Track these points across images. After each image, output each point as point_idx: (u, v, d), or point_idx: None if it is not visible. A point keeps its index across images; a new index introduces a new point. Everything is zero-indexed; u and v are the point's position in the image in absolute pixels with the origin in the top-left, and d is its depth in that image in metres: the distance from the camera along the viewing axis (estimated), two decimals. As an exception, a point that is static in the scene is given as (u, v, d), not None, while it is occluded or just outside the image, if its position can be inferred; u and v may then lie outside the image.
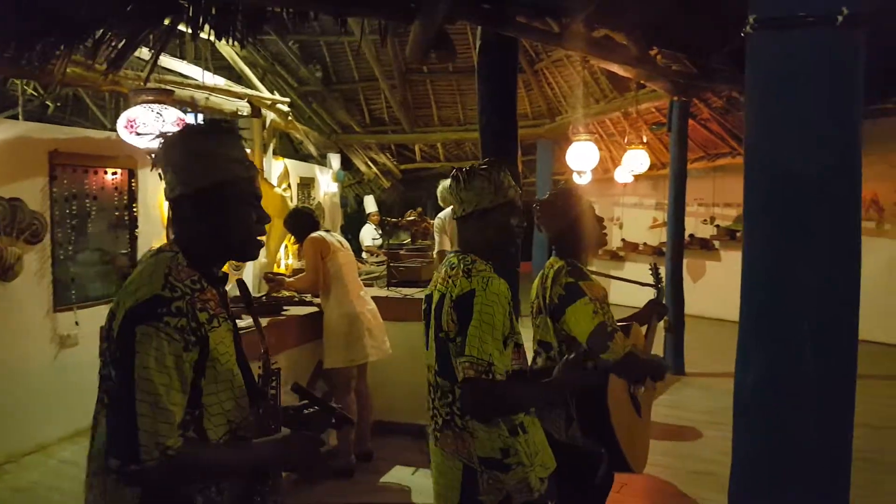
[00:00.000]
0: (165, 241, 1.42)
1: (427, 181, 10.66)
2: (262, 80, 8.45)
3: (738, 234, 8.28)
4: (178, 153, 1.37)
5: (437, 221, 5.56)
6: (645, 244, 9.26)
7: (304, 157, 9.15)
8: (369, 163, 9.94)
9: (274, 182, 7.10)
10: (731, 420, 1.38)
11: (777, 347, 1.18)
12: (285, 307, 4.21)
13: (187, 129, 1.42)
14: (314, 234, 4.27)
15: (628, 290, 3.20)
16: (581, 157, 5.02)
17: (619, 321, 2.36)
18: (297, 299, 4.51)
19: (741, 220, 6.04)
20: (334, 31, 8.18)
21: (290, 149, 9.55)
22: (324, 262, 4.03)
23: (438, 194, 5.62)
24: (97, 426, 1.31)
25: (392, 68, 8.21)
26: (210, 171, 1.35)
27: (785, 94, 1.14)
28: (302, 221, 4.43)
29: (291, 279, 4.80)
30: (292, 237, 5.34)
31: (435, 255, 5.45)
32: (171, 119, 3.81)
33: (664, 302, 2.75)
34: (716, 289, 8.52)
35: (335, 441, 3.98)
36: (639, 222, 9.43)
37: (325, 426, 1.48)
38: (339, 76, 9.28)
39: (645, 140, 6.53)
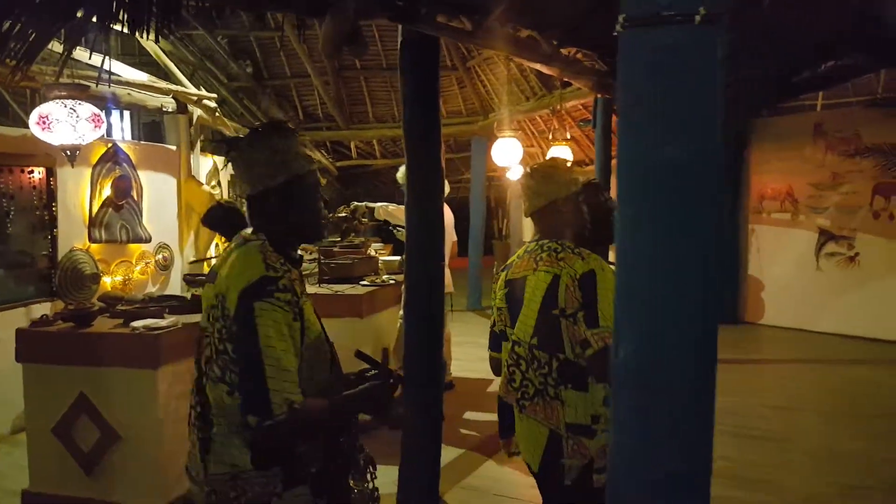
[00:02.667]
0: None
1: (364, 178, 10.60)
2: (191, 77, 8.24)
3: (665, 228, 8.59)
4: (258, 153, 1.56)
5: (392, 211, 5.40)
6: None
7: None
8: (305, 160, 9.81)
9: (202, 180, 6.94)
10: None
11: (643, 327, 1.25)
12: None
13: (261, 131, 1.61)
14: (242, 233, 4.20)
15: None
16: (505, 154, 5.11)
17: None
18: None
19: None
20: (264, 25, 8.05)
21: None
22: None
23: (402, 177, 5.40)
24: (201, 398, 1.54)
25: (325, 64, 8.13)
26: (288, 166, 1.56)
27: (649, 88, 1.21)
28: (227, 217, 4.33)
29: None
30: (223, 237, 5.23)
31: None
32: (85, 115, 3.68)
33: None
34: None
35: None
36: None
37: (386, 388, 1.67)
38: (270, 72, 9.14)
39: (569, 136, 6.69)
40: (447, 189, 5.62)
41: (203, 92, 6.70)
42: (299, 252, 1.71)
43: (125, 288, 5.73)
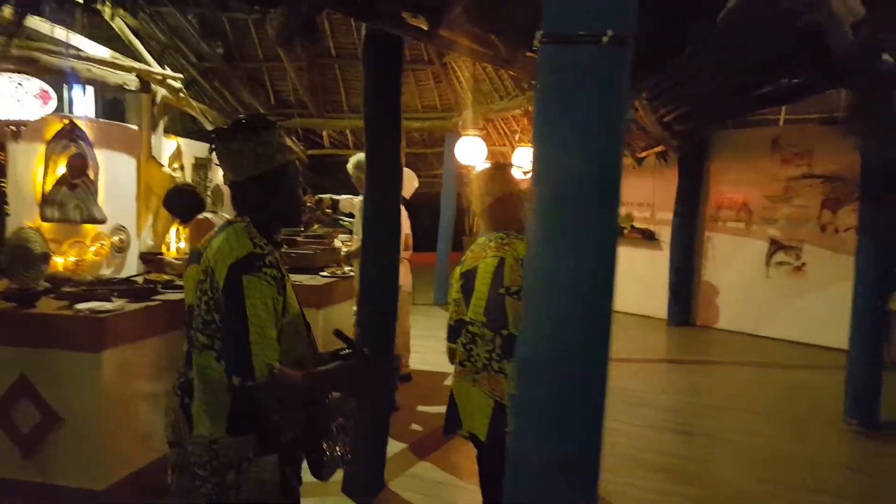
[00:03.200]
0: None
1: (336, 168, 10.56)
2: (161, 55, 8.11)
3: (626, 231, 8.77)
4: (243, 145, 1.68)
5: (358, 205, 5.34)
6: None
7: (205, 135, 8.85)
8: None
9: (164, 161, 6.86)
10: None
11: (544, 328, 1.33)
12: (162, 291, 4.11)
13: (245, 125, 1.72)
14: (201, 217, 4.17)
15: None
16: (469, 152, 5.17)
17: None
18: (176, 282, 4.42)
19: (630, 217, 6.43)
20: (236, 6, 7.94)
21: (193, 128, 9.21)
22: None
23: (352, 169, 5.36)
24: (194, 364, 1.67)
25: (300, 50, 8.08)
26: (271, 157, 1.68)
27: (561, 102, 1.29)
28: (184, 201, 4.31)
29: (173, 260, 4.68)
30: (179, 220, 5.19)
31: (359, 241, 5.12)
32: (33, 90, 3.62)
33: None
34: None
35: None
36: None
37: (360, 367, 1.77)
38: (242, 54, 9.03)
39: (484, 130, 6.76)
40: (415, 184, 5.68)
41: (168, 71, 6.61)
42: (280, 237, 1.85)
43: (78, 269, 5.64)
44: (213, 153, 1.74)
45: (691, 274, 8.23)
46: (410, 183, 5.46)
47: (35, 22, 4.92)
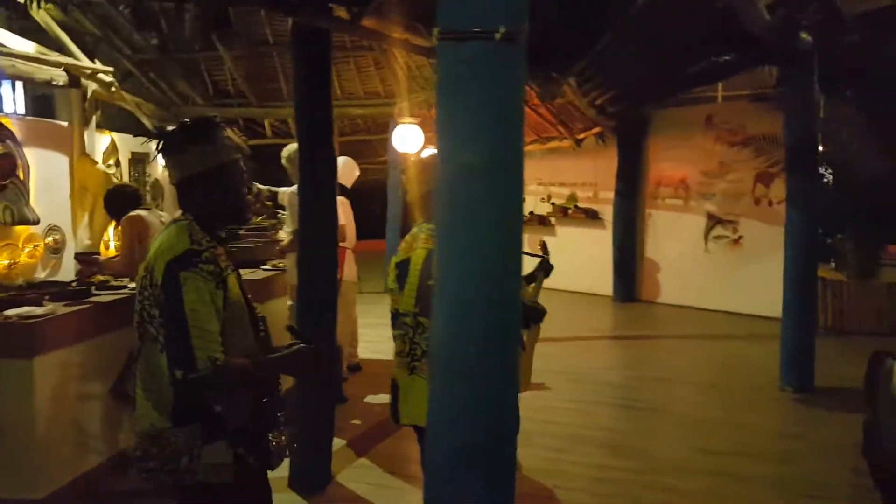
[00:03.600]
0: None
1: (279, 158, 10.39)
2: (95, 48, 7.80)
3: (570, 211, 8.94)
4: (187, 144, 1.75)
5: (288, 197, 5.27)
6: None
7: (146, 132, 8.58)
8: (215, 138, 9.51)
9: (98, 157, 6.66)
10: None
11: (454, 310, 1.36)
12: (96, 292, 4.02)
13: (190, 125, 1.79)
14: (132, 213, 4.07)
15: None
16: (406, 140, 5.18)
17: None
18: (111, 283, 4.33)
19: (574, 198, 6.58)
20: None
21: (129, 122, 8.92)
22: (141, 244, 3.87)
23: (285, 161, 5.30)
24: (142, 357, 1.73)
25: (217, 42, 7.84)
26: (215, 155, 1.76)
27: (458, 96, 1.32)
28: (118, 199, 4.21)
29: (109, 260, 4.58)
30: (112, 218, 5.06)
31: (289, 234, 5.00)
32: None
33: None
34: (554, 261, 9.13)
35: None
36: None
37: (312, 359, 1.83)
38: (177, 44, 8.75)
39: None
40: (356, 173, 5.67)
41: (98, 65, 6.39)
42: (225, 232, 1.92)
43: (11, 272, 5.46)
44: (157, 151, 1.81)
45: (633, 251, 8.46)
46: (351, 172, 5.45)
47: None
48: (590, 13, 3.05)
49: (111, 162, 6.98)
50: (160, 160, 2.02)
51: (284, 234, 5.21)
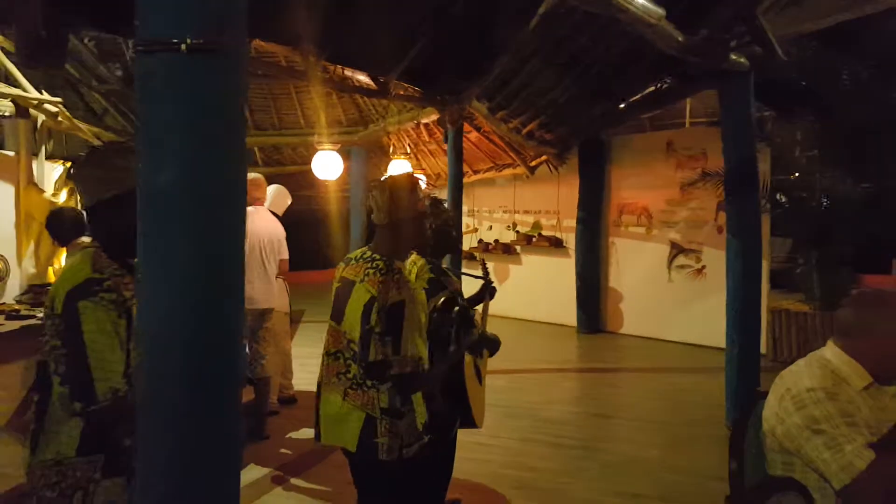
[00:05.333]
0: None
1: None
2: (51, 79, 7.82)
3: (534, 239, 8.80)
4: (93, 170, 1.76)
5: None
6: (472, 247, 9.62)
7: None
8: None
9: (50, 187, 6.61)
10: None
11: (155, 349, 1.23)
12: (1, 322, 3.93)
13: (98, 151, 1.84)
14: (78, 241, 4.02)
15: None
16: (326, 167, 5.11)
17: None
18: (21, 312, 4.23)
19: (538, 226, 6.48)
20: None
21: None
22: None
23: None
24: (41, 393, 1.69)
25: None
26: (121, 181, 1.72)
27: (151, 112, 1.21)
28: (64, 223, 4.15)
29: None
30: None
31: None
32: None
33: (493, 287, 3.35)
34: (519, 290, 8.99)
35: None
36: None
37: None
38: (142, 76, 8.80)
39: (408, 151, 6.78)
40: (288, 201, 5.57)
41: (45, 95, 6.38)
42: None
43: (-54, 300, 5.38)
44: (67, 177, 1.80)
45: (597, 280, 8.29)
46: (283, 200, 5.36)
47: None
48: (480, 36, 2.96)
49: (66, 189, 6.93)
50: None
51: None
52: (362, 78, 3.91)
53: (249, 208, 4.92)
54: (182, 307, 1.22)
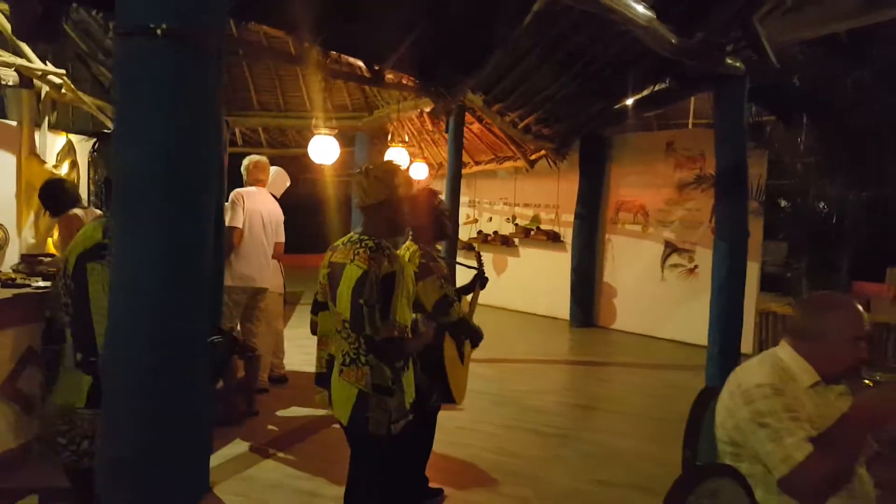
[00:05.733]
0: None
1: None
2: (61, 51, 7.85)
3: (532, 233, 8.85)
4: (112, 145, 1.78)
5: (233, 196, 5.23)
6: (470, 239, 9.68)
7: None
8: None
9: (52, 158, 6.70)
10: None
11: (124, 317, 1.30)
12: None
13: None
14: (70, 213, 4.08)
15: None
16: (322, 151, 5.16)
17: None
18: (18, 280, 4.32)
19: (537, 219, 6.54)
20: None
21: (95, 124, 9.00)
22: None
23: (243, 167, 5.20)
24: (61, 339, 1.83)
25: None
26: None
27: (128, 94, 1.28)
28: (55, 194, 4.20)
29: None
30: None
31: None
32: None
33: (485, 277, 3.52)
34: (515, 282, 9.06)
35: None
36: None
37: (230, 352, 2.08)
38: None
39: (406, 139, 6.82)
40: (287, 183, 5.63)
41: (49, 67, 6.45)
42: None
43: (-54, 266, 5.48)
44: (93, 151, 1.97)
45: (592, 276, 8.34)
46: (282, 182, 5.43)
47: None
48: (475, 31, 3.01)
49: (68, 161, 7.02)
50: None
51: None
52: (362, 65, 3.97)
53: (251, 188, 4.99)
54: (150, 280, 1.29)
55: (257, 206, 4.84)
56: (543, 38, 3.52)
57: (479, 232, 9.66)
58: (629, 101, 5.45)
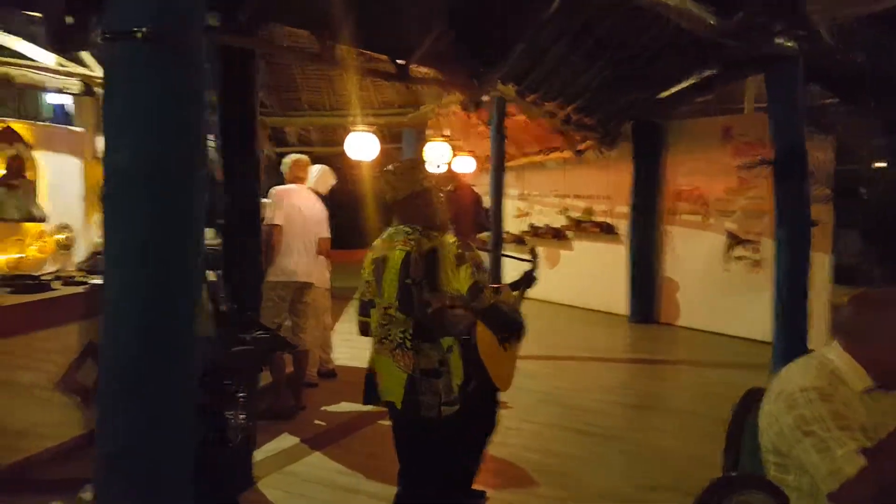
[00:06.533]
0: None
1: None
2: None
3: (585, 225, 8.64)
4: None
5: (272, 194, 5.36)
6: (507, 233, 9.55)
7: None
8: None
9: (115, 162, 7.02)
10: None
11: (114, 314, 1.31)
12: (56, 286, 4.25)
13: None
14: None
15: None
16: (360, 148, 5.17)
17: (495, 285, 3.12)
18: (76, 278, 4.56)
19: (590, 211, 6.40)
20: None
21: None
22: None
23: (283, 165, 5.32)
24: None
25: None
26: None
27: (112, 96, 1.29)
28: None
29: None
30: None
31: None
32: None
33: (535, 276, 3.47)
34: (569, 276, 8.88)
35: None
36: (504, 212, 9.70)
37: (273, 348, 2.22)
38: (207, 57, 9.15)
39: (447, 133, 6.76)
40: (332, 181, 5.69)
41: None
42: None
43: (19, 265, 5.83)
44: None
45: (651, 269, 8.05)
46: (327, 179, 5.47)
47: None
48: (499, 20, 2.93)
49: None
50: None
51: None
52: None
53: (291, 186, 5.07)
54: (137, 276, 1.30)
55: (296, 203, 4.91)
56: (570, 24, 3.39)
57: (531, 225, 9.52)
58: (675, 88, 5.21)
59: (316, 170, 5.40)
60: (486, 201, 6.22)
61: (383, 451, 2.99)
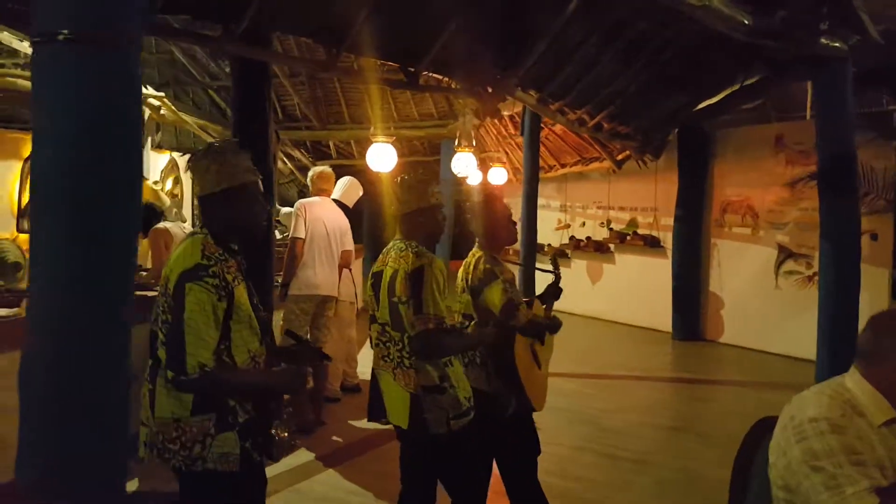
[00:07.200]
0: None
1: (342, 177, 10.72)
2: (173, 78, 8.50)
3: (628, 238, 8.34)
4: (209, 164, 1.90)
5: (283, 215, 5.48)
6: (549, 245, 9.33)
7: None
8: (284, 159, 10.06)
9: (157, 175, 7.21)
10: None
11: (40, 312, 1.25)
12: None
13: (214, 147, 1.98)
14: (157, 226, 4.37)
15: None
16: (380, 159, 5.09)
17: (525, 299, 3.04)
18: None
19: (634, 223, 6.17)
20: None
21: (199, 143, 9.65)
22: (168, 252, 4.13)
23: (308, 178, 5.28)
24: (157, 355, 1.87)
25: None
26: (232, 176, 1.90)
27: (39, 98, 1.24)
28: (144, 214, 4.52)
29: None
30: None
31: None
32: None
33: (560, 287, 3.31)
34: (611, 291, 8.59)
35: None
36: (545, 224, 9.47)
37: (307, 359, 2.20)
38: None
39: (474, 143, 6.61)
40: (360, 193, 5.64)
41: (150, 90, 6.95)
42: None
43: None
44: (186, 169, 1.99)
45: (696, 284, 7.68)
46: (354, 191, 5.43)
47: (7, 37, 5.32)
48: (514, 22, 2.80)
49: (171, 178, 7.53)
50: None
51: None
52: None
53: (315, 198, 5.03)
54: (59, 280, 1.24)
55: (320, 216, 4.86)
56: (596, 25, 3.21)
57: (572, 238, 9.26)
58: (720, 95, 4.93)
59: (343, 182, 5.36)
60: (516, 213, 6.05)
61: (393, 469, 2.87)
